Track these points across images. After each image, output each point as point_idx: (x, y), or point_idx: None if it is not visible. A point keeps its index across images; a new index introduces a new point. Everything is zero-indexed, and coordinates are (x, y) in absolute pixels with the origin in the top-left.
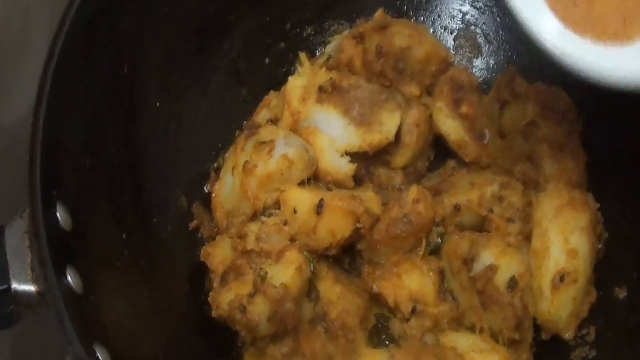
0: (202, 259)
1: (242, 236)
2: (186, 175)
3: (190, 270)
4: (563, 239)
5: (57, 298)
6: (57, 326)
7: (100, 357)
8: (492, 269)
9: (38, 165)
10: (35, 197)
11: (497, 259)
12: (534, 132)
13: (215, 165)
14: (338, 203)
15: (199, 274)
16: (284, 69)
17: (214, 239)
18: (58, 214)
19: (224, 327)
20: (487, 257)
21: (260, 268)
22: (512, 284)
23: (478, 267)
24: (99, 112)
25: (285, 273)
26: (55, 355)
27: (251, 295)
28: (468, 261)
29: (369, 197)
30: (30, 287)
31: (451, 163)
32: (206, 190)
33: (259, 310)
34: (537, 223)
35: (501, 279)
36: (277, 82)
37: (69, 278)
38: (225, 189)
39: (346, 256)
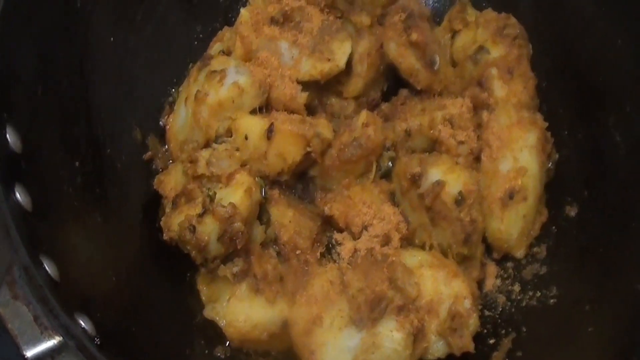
0: (155, 187)
1: (193, 161)
2: (141, 108)
3: (144, 200)
4: (512, 157)
5: (3, 210)
6: (4, 239)
7: (47, 269)
8: (439, 184)
9: None
10: None
11: (445, 175)
12: (484, 58)
13: (170, 99)
14: (288, 127)
15: (153, 204)
16: (239, 7)
17: None
18: (8, 136)
19: (178, 253)
20: (435, 173)
21: (209, 188)
22: (460, 199)
23: (426, 183)
24: (52, 43)
25: (234, 194)
26: (2, 271)
27: (200, 216)
28: (416, 179)
29: (320, 123)
30: None
31: (404, 92)
32: (161, 124)
33: (209, 229)
34: (486, 143)
35: (449, 194)
36: (233, 19)
37: (17, 195)
38: (179, 120)
39: (299, 183)
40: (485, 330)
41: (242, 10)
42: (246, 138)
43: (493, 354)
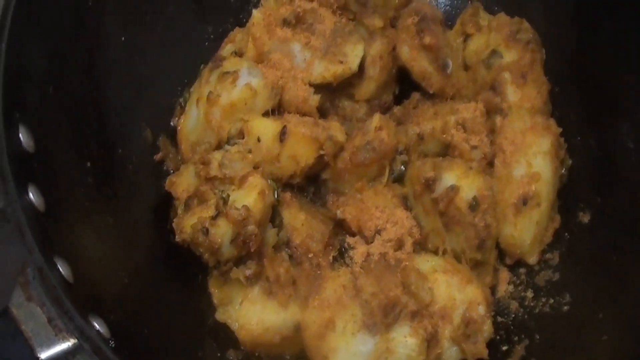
0: (167, 188)
1: (205, 163)
2: (151, 108)
3: (155, 201)
4: (526, 162)
5: (17, 210)
6: (17, 240)
7: (61, 270)
8: (454, 189)
9: (0, 85)
10: None
11: (459, 180)
12: (497, 62)
13: (182, 100)
14: (301, 130)
15: (165, 205)
16: (250, 7)
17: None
18: (21, 136)
19: (189, 255)
20: (449, 178)
21: (222, 191)
22: (474, 204)
23: (440, 188)
24: (63, 43)
25: (247, 197)
26: (16, 272)
27: (214, 218)
28: (430, 183)
29: (333, 126)
30: None
31: (416, 95)
32: (172, 125)
33: (222, 232)
34: (500, 148)
35: (463, 199)
36: (244, 20)
37: (30, 195)
38: (191, 121)
39: (311, 186)
40: (498, 337)
41: (255, 12)
42: (258, 140)
43: None
